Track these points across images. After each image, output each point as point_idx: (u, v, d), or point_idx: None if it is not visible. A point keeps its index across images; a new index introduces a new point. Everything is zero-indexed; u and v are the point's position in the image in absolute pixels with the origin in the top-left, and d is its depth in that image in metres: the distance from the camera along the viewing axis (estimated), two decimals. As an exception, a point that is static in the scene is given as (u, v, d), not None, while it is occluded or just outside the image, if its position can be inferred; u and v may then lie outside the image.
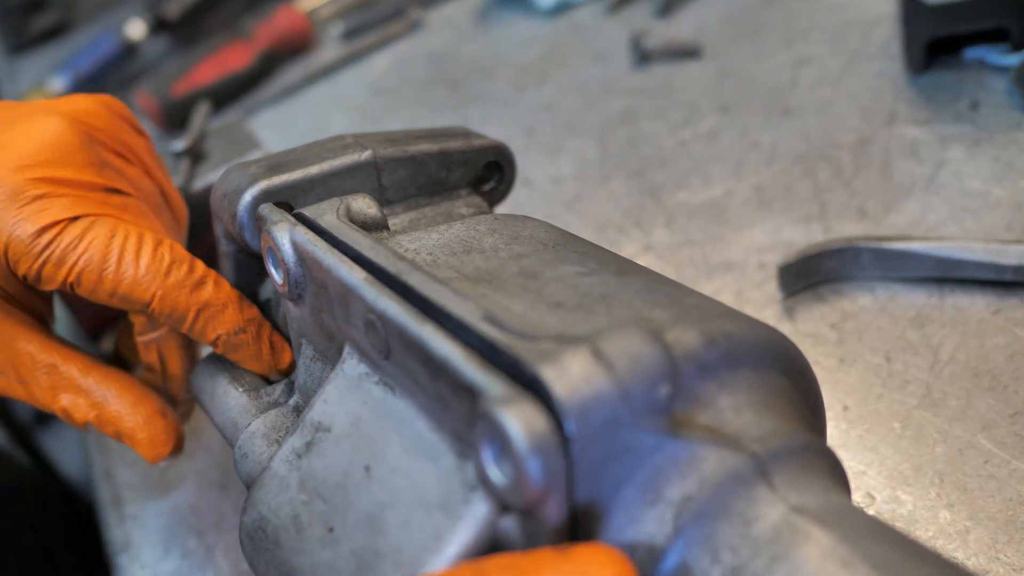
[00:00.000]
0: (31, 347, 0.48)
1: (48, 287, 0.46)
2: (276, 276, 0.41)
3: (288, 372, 0.49)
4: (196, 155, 0.73)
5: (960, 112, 0.68)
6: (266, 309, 0.51)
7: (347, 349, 0.39)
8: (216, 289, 0.47)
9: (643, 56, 0.87)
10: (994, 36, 0.69)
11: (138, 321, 0.51)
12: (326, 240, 0.40)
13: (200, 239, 0.73)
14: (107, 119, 0.52)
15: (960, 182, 0.64)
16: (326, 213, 0.42)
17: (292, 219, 0.42)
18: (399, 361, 0.35)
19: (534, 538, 0.30)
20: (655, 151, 0.77)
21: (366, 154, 0.48)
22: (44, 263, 0.45)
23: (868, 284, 0.60)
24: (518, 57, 0.95)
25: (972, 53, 0.71)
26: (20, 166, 0.46)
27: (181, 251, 0.48)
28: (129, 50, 1.07)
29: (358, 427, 0.37)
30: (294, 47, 1.03)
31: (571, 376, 0.29)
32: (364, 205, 0.43)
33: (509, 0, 1.01)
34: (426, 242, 0.41)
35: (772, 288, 0.61)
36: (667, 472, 0.31)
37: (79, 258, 0.45)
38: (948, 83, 0.71)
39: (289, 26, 1.01)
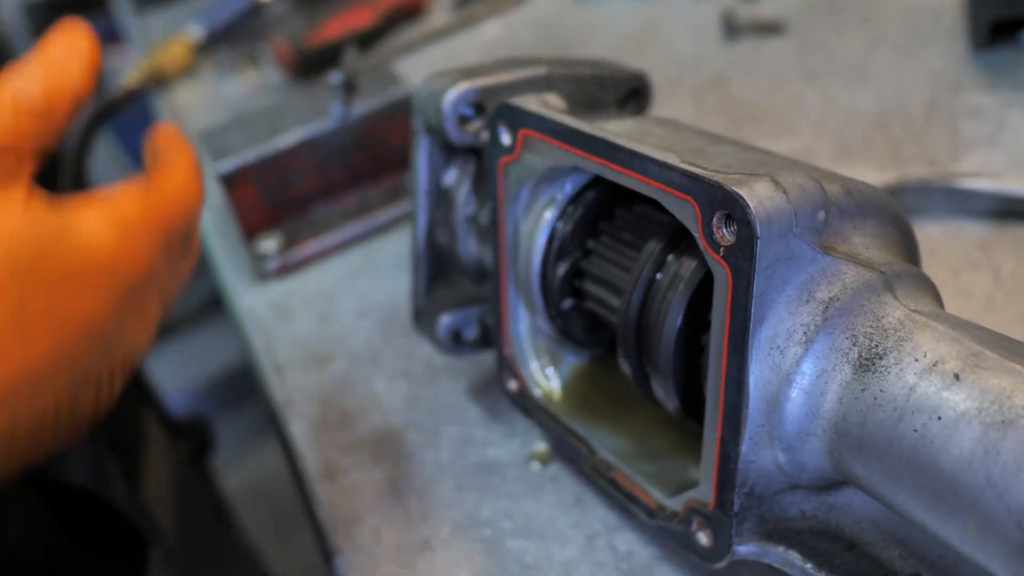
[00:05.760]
0: None
1: None
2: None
3: None
4: (351, 88, 0.84)
5: (1019, 83, 0.79)
6: (448, 195, 0.62)
7: None
8: None
9: (732, 30, 0.97)
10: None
11: None
12: (533, 119, 0.51)
13: (351, 161, 0.85)
14: None
15: (1019, 139, 0.74)
16: (530, 102, 0.53)
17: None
18: None
19: None
20: (746, 111, 0.88)
21: (543, 70, 0.59)
22: None
23: (938, 217, 0.70)
24: (618, 29, 1.06)
25: (1031, 36, 0.81)
26: None
27: None
28: (256, 8, 1.19)
29: None
30: (410, 11, 1.14)
31: (758, 194, 0.39)
32: (555, 100, 0.54)
33: (607, -20, 1.12)
34: (607, 128, 0.52)
35: (854, 218, 0.72)
36: (818, 279, 0.42)
37: None
38: (1008, 60, 0.82)
39: (407, -8, 1.13)
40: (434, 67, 1.08)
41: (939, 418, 0.37)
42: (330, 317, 0.80)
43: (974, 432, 0.36)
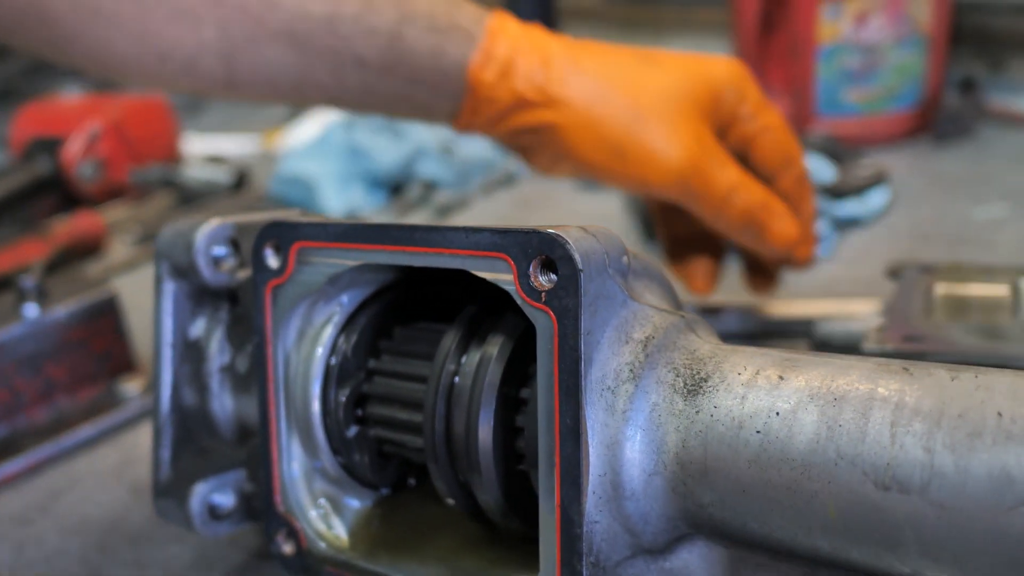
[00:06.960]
0: None
1: None
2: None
3: None
4: (43, 292, 0.75)
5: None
6: (196, 347, 0.57)
7: None
8: None
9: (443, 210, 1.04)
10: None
11: None
12: (311, 228, 0.49)
13: (44, 372, 0.75)
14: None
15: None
16: (298, 217, 0.51)
17: None
18: None
19: None
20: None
21: (297, 211, 0.59)
22: None
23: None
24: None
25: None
26: None
27: None
28: (-102, 249, 1.05)
29: None
30: (88, 247, 1.07)
31: (573, 236, 0.41)
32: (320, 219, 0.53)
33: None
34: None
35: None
36: (631, 321, 0.43)
37: None
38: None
39: (87, 227, 1.06)
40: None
41: (777, 413, 0.39)
42: (28, 543, 0.65)
43: (812, 416, 0.38)
